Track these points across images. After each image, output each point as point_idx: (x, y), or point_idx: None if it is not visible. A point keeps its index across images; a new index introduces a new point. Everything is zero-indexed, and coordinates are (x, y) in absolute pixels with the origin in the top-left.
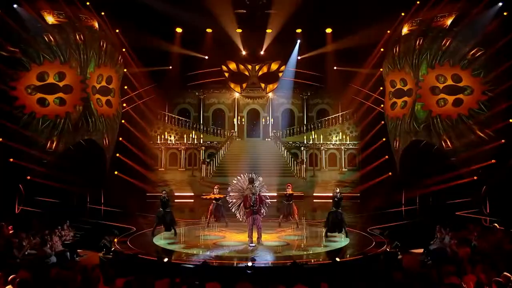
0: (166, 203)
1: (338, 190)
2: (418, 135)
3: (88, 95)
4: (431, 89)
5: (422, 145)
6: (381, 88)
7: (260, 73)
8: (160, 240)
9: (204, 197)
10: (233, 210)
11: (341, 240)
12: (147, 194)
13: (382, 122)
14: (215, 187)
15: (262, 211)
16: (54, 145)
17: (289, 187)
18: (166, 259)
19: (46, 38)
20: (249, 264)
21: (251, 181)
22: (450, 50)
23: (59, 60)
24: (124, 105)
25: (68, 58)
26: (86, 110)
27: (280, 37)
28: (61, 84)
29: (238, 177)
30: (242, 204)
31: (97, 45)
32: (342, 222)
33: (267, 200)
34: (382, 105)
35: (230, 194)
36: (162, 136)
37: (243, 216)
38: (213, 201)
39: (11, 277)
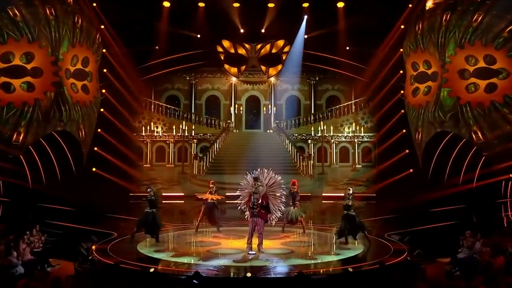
0: (154, 203)
1: (351, 191)
2: (444, 126)
3: (61, 79)
4: (460, 72)
5: (449, 138)
6: (401, 71)
7: (261, 54)
8: (145, 247)
9: (200, 197)
10: (241, 207)
11: (354, 247)
12: (130, 194)
13: (402, 111)
14: (211, 182)
15: (269, 217)
16: (21, 137)
17: (294, 186)
18: (152, 269)
19: (10, 13)
20: (248, 275)
21: (256, 178)
22: (483, 26)
23: (27, 39)
24: (103, 91)
25: (37, 36)
26: (58, 97)
27: (284, 12)
28: (29, 66)
29: (251, 173)
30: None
31: (71, 21)
32: (357, 227)
33: (278, 204)
34: (402, 92)
35: (239, 193)
36: (148, 127)
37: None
38: (205, 201)
39: None
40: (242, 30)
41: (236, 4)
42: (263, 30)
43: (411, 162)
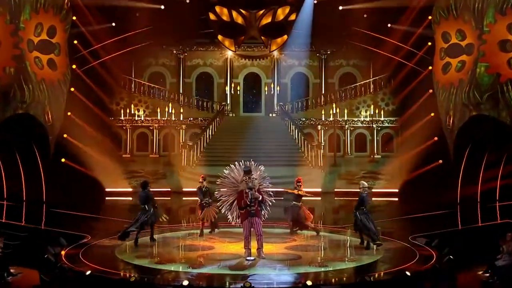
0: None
1: (366, 185)
2: (481, 109)
3: (22, 52)
4: (500, 44)
5: (486, 123)
6: (429, 43)
7: (262, 23)
8: (125, 253)
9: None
10: (223, 211)
11: (372, 253)
12: (106, 190)
13: (430, 90)
14: (201, 176)
15: (263, 213)
16: None
17: (299, 184)
18: (132, 278)
19: None
20: (247, 285)
21: (248, 171)
22: None
23: None
24: (74, 67)
25: None
26: (19, 74)
27: None
28: None
29: (232, 166)
30: (235, 203)
31: None
32: (363, 227)
33: (269, 198)
34: (430, 67)
35: (221, 189)
36: (127, 110)
37: (236, 219)
38: (201, 202)
39: None
40: None
41: None
42: None
43: (440, 152)
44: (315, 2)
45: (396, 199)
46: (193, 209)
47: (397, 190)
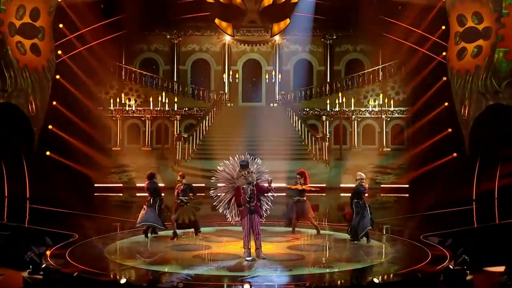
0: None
1: (363, 176)
2: (499, 98)
3: (3, 36)
4: None
5: (504, 113)
6: (443, 27)
7: (263, 5)
8: (115, 253)
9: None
10: (221, 209)
11: (381, 253)
12: (95, 185)
13: (444, 78)
14: (180, 174)
15: (264, 210)
16: None
17: (299, 176)
18: (123, 280)
19: None
20: (246, 287)
21: (245, 165)
22: None
23: None
24: (60, 52)
25: None
26: (0, 60)
27: None
28: None
29: (226, 162)
30: (233, 200)
31: None
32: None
33: (270, 194)
34: (444, 53)
35: (217, 185)
36: (117, 100)
37: (234, 217)
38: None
39: None
40: None
41: None
42: None
43: (454, 144)
44: None
45: (407, 195)
46: None
47: (407, 186)
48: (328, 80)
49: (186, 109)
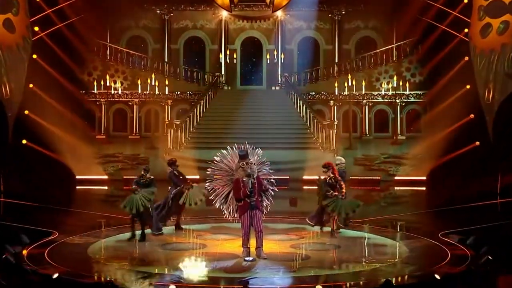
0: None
1: (343, 160)
2: None
3: None
4: None
5: None
6: (465, 0)
7: None
8: (99, 252)
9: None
10: (217, 205)
11: (394, 251)
12: (77, 177)
13: (466, 58)
14: (144, 169)
15: (264, 205)
16: None
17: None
18: (109, 282)
19: None
20: None
21: (244, 156)
22: None
23: None
24: (37, 29)
25: None
26: None
27: None
28: None
29: (223, 151)
30: (231, 194)
31: None
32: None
33: (271, 187)
34: (466, 30)
35: (213, 178)
36: (102, 82)
37: (233, 213)
38: None
39: None
40: None
41: None
42: None
43: (477, 131)
44: None
45: (424, 188)
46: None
47: (424, 178)
48: (336, 61)
49: (178, 93)
